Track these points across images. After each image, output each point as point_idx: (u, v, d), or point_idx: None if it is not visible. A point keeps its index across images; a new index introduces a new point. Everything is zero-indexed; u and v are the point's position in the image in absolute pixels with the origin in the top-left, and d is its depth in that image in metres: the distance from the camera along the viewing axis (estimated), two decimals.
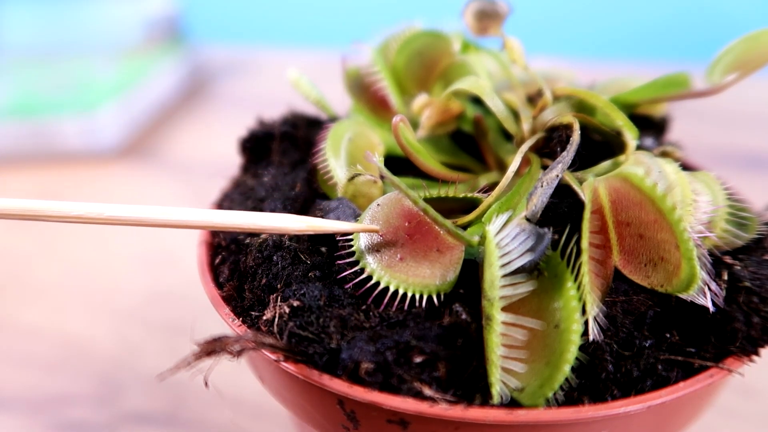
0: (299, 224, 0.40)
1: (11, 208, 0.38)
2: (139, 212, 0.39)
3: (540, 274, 0.37)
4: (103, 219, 0.38)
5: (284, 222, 0.40)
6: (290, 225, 0.40)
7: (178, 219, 0.39)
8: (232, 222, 0.40)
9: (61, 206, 0.38)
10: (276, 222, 0.40)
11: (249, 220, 0.40)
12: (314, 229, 0.41)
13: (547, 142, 0.47)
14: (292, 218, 0.40)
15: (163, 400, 0.68)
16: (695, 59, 0.65)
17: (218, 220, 0.40)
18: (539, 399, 0.34)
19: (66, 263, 0.92)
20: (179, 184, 1.12)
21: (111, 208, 0.38)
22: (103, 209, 0.38)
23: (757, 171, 1.07)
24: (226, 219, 0.40)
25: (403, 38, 0.55)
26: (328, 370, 0.36)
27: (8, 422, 0.67)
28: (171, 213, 0.39)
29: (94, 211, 0.38)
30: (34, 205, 0.38)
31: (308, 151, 0.53)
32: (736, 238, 0.44)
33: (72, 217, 0.38)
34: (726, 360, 0.38)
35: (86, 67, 1.36)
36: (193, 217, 0.39)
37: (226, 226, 0.40)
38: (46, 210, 0.38)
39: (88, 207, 0.38)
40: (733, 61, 0.48)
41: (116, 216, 0.38)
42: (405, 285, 0.38)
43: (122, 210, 0.38)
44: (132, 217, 0.38)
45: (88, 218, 0.38)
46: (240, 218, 0.40)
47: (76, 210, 0.38)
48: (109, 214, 0.38)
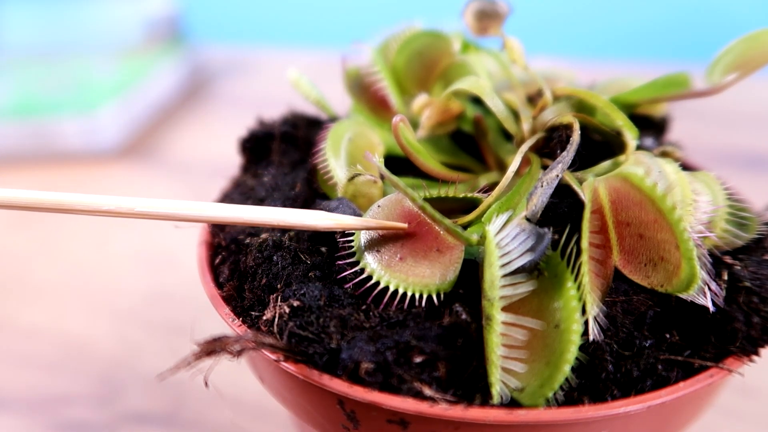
0: (327, 221, 0.40)
1: (43, 200, 0.37)
2: (170, 206, 0.39)
3: (540, 274, 0.37)
4: (134, 213, 0.38)
5: (313, 219, 0.40)
6: (319, 222, 0.40)
7: (209, 215, 0.39)
8: (262, 217, 0.40)
9: (94, 200, 0.38)
10: (305, 219, 0.40)
11: (279, 216, 0.40)
12: (342, 226, 0.41)
13: (547, 142, 0.47)
14: (321, 215, 0.40)
15: (163, 400, 0.68)
16: (695, 59, 0.66)
17: (247, 215, 0.40)
18: (539, 399, 0.34)
19: (66, 263, 0.92)
20: (179, 184, 1.12)
21: (142, 202, 0.38)
22: (135, 203, 0.38)
23: (757, 171, 1.07)
24: (255, 214, 0.40)
25: (403, 38, 0.55)
26: (328, 370, 0.36)
27: (8, 422, 0.67)
28: (203, 208, 0.39)
29: (125, 205, 0.38)
30: (67, 198, 0.38)
31: (308, 151, 0.53)
32: (736, 238, 0.44)
33: (104, 211, 0.38)
34: (726, 360, 0.38)
35: (86, 67, 1.36)
36: (224, 212, 0.40)
37: (255, 221, 0.40)
38: (79, 204, 0.38)
39: (120, 201, 0.38)
40: (733, 61, 0.48)
41: (148, 210, 0.38)
42: (405, 285, 0.38)
43: (153, 204, 0.38)
44: (163, 212, 0.38)
45: (120, 212, 0.38)
46: (270, 214, 0.40)
47: (107, 204, 0.38)
48: (140, 209, 0.38)
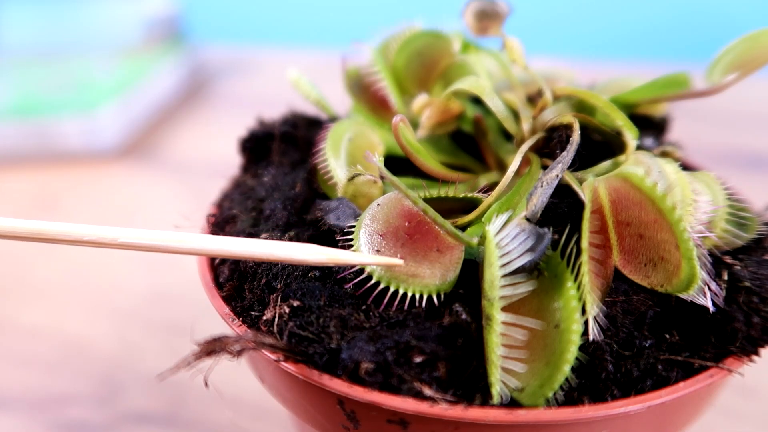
0: (319, 256, 0.38)
1: (19, 229, 0.37)
2: (154, 238, 0.37)
3: (540, 274, 0.37)
4: (117, 244, 0.37)
5: (304, 254, 0.38)
6: (310, 257, 0.38)
7: (194, 247, 0.38)
8: (250, 251, 0.38)
9: (73, 229, 0.37)
10: (295, 253, 0.38)
11: (267, 250, 0.38)
12: (335, 261, 0.39)
13: (547, 142, 0.47)
14: (313, 249, 0.38)
15: (163, 400, 0.68)
16: (695, 59, 0.65)
17: (235, 248, 0.38)
18: (539, 399, 0.34)
19: (66, 263, 0.92)
20: (179, 184, 1.12)
21: (126, 233, 0.37)
22: (118, 234, 0.37)
23: (757, 171, 1.07)
24: (242, 248, 0.38)
25: (403, 38, 0.55)
26: (328, 370, 0.36)
27: (8, 422, 0.67)
28: (188, 240, 0.38)
29: (108, 235, 0.37)
30: (44, 227, 0.37)
31: (308, 151, 0.53)
32: (736, 238, 0.44)
33: (84, 241, 0.37)
34: (726, 360, 0.38)
35: (86, 67, 1.36)
36: (209, 245, 0.38)
37: (241, 255, 0.38)
38: (57, 233, 0.37)
39: (101, 231, 0.37)
40: (733, 61, 0.48)
41: (130, 242, 0.37)
42: (405, 285, 0.38)
43: (137, 235, 0.37)
44: (146, 243, 0.37)
45: (101, 243, 0.37)
46: (257, 247, 0.38)
47: (89, 234, 0.37)
48: (123, 239, 0.37)
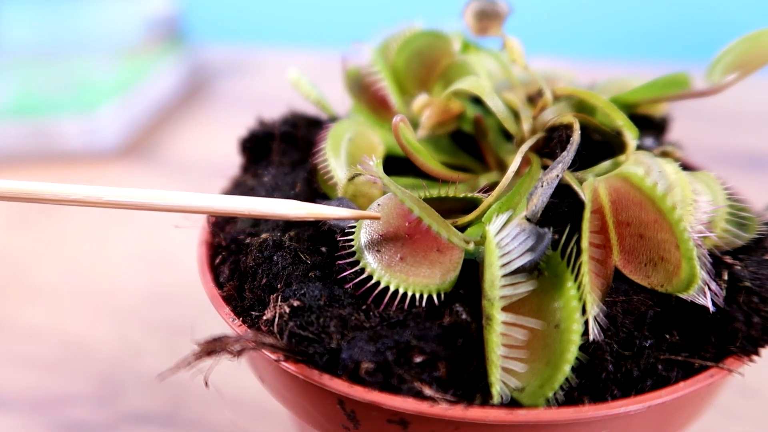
0: (300, 211, 0.39)
1: (9, 189, 0.37)
2: (137, 196, 0.38)
3: (540, 274, 0.37)
4: (102, 202, 0.38)
5: (284, 208, 0.39)
6: (291, 211, 0.39)
7: (177, 203, 0.39)
8: (232, 207, 0.39)
9: (60, 189, 0.38)
10: (276, 208, 0.39)
11: (248, 205, 0.39)
12: (315, 215, 0.40)
13: (547, 142, 0.47)
14: (292, 204, 0.40)
15: (163, 400, 0.68)
16: (695, 59, 0.65)
17: (217, 204, 0.39)
18: (539, 399, 0.34)
19: (66, 263, 0.92)
20: (179, 184, 1.12)
21: (110, 191, 0.38)
22: (103, 192, 0.38)
23: (757, 171, 1.07)
24: (225, 204, 0.39)
25: (403, 38, 0.55)
26: (329, 370, 0.36)
27: (8, 422, 0.67)
28: (170, 197, 0.39)
29: (94, 194, 0.38)
30: (34, 187, 0.38)
31: (308, 151, 0.53)
32: (736, 238, 0.44)
33: (71, 200, 0.38)
34: (726, 360, 0.38)
35: (86, 67, 1.36)
36: (192, 201, 0.39)
37: (225, 211, 0.39)
38: (45, 192, 0.38)
39: (87, 190, 0.38)
40: (733, 61, 0.48)
41: (115, 200, 0.38)
42: (405, 285, 0.38)
43: (120, 193, 0.38)
44: (130, 201, 0.38)
45: (87, 201, 0.38)
46: (239, 203, 0.39)
47: (75, 193, 0.38)
48: (108, 197, 0.38)
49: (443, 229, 0.38)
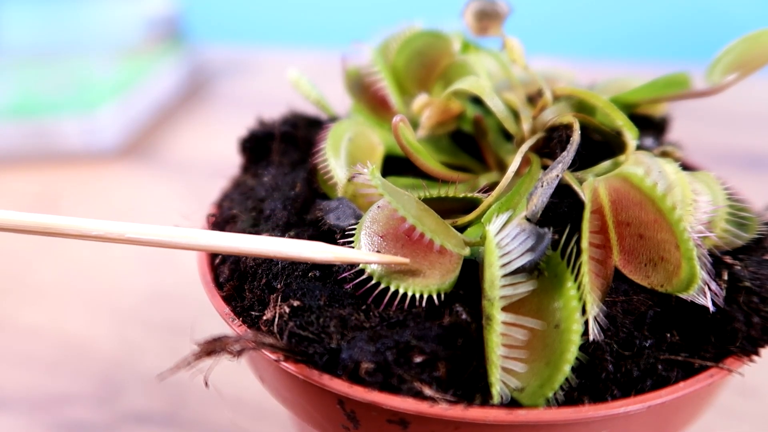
0: (327, 255, 0.38)
1: (27, 223, 0.36)
2: (161, 234, 0.37)
3: (540, 274, 0.37)
4: (124, 239, 0.37)
5: (311, 251, 0.38)
6: (317, 255, 0.38)
7: (201, 243, 0.38)
8: (257, 248, 0.38)
9: (80, 224, 0.36)
10: (303, 251, 0.38)
11: (275, 247, 0.38)
12: (341, 260, 0.39)
13: (547, 142, 0.47)
14: (320, 246, 0.38)
15: (163, 400, 0.68)
16: (695, 59, 0.65)
17: (243, 245, 0.38)
18: (539, 399, 0.34)
19: (66, 263, 0.92)
20: (179, 184, 1.12)
21: (133, 228, 0.37)
22: (125, 229, 0.37)
23: (757, 171, 1.07)
24: (251, 245, 0.38)
25: (403, 38, 0.55)
26: (328, 370, 0.36)
27: (8, 422, 0.67)
28: (194, 236, 0.38)
29: (116, 230, 0.37)
30: (52, 221, 0.36)
31: (308, 151, 0.53)
32: (736, 238, 0.44)
33: (92, 236, 0.36)
34: (726, 360, 0.38)
35: (86, 67, 1.36)
36: (217, 241, 0.38)
37: (251, 252, 0.38)
38: (65, 227, 0.36)
39: (109, 226, 0.37)
40: (733, 61, 0.48)
41: (138, 237, 0.37)
42: (405, 285, 0.38)
43: (144, 231, 0.37)
44: (154, 239, 0.37)
45: (109, 238, 0.36)
46: (265, 244, 0.38)
47: (96, 229, 0.36)
48: (131, 234, 0.37)
49: (437, 236, 0.38)
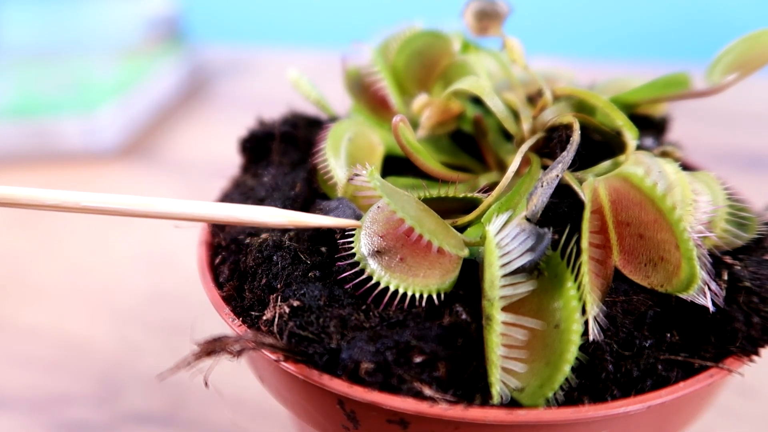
0: (280, 218, 0.39)
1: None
2: (118, 201, 0.38)
3: (540, 274, 0.37)
4: (79, 208, 0.37)
5: (264, 216, 0.39)
6: (270, 219, 0.39)
7: (155, 210, 0.38)
8: (210, 213, 0.39)
9: (36, 193, 0.37)
10: (255, 215, 0.39)
11: (227, 213, 0.39)
12: (294, 223, 0.40)
13: (547, 142, 0.47)
14: (272, 211, 0.39)
15: (163, 400, 0.68)
16: (695, 59, 0.65)
17: (196, 211, 0.39)
18: (539, 399, 0.34)
19: (66, 263, 0.92)
20: (179, 184, 1.12)
21: (88, 196, 0.38)
22: (79, 198, 0.37)
23: (757, 171, 1.07)
24: (203, 210, 0.39)
25: (403, 38, 0.55)
26: (328, 370, 0.36)
27: (8, 422, 0.67)
28: (148, 203, 0.38)
29: (71, 200, 0.37)
30: (7, 191, 0.37)
31: (308, 151, 0.53)
32: (736, 238, 0.44)
33: (48, 206, 0.37)
34: (726, 360, 0.38)
35: (86, 67, 1.36)
36: (170, 208, 0.38)
37: (204, 218, 0.39)
38: (21, 197, 0.37)
39: (63, 195, 0.37)
40: (733, 61, 0.48)
41: (93, 206, 0.38)
42: (405, 285, 0.38)
43: (100, 199, 0.38)
44: (107, 207, 0.38)
45: (64, 207, 0.37)
46: (218, 210, 0.39)
47: (51, 198, 0.37)
48: (85, 203, 0.37)
49: (435, 237, 0.38)
